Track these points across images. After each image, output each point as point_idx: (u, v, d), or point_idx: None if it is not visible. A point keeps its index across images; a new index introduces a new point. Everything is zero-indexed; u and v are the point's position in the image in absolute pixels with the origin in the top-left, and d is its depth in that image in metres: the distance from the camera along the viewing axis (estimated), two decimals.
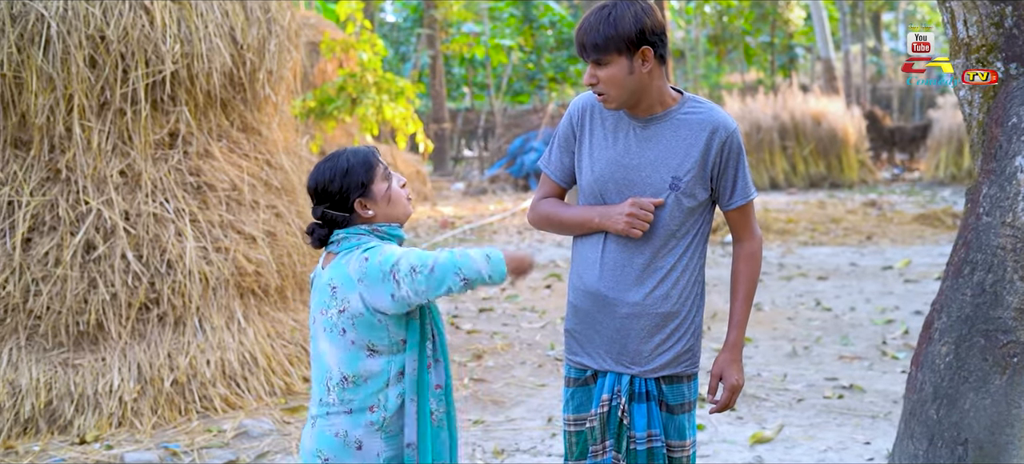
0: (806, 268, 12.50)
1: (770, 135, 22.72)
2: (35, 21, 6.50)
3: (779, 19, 35.10)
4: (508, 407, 7.00)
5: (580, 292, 3.78)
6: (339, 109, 17.59)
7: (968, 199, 4.44)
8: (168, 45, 6.76)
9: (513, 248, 2.81)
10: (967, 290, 4.27)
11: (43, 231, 6.65)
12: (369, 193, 3.39)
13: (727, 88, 34.81)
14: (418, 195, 20.99)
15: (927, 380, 4.34)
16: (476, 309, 10.31)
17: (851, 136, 22.89)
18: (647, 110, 3.62)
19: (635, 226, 3.55)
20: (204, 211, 6.99)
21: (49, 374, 6.45)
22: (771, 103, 23.09)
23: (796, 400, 7.04)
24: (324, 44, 18.32)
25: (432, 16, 27.21)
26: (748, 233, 3.80)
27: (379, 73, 17.80)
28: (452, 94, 35.45)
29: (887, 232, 15.37)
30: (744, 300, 3.80)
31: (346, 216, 3.39)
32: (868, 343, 8.61)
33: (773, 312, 9.99)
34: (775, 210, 17.98)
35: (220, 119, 7.22)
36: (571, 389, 3.83)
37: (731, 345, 3.76)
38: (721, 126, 3.63)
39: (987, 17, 4.31)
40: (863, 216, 17.23)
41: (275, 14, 7.39)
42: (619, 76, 3.51)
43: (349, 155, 3.42)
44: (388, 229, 3.42)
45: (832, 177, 22.75)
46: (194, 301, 6.78)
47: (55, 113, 6.63)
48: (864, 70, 34.89)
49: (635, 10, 3.50)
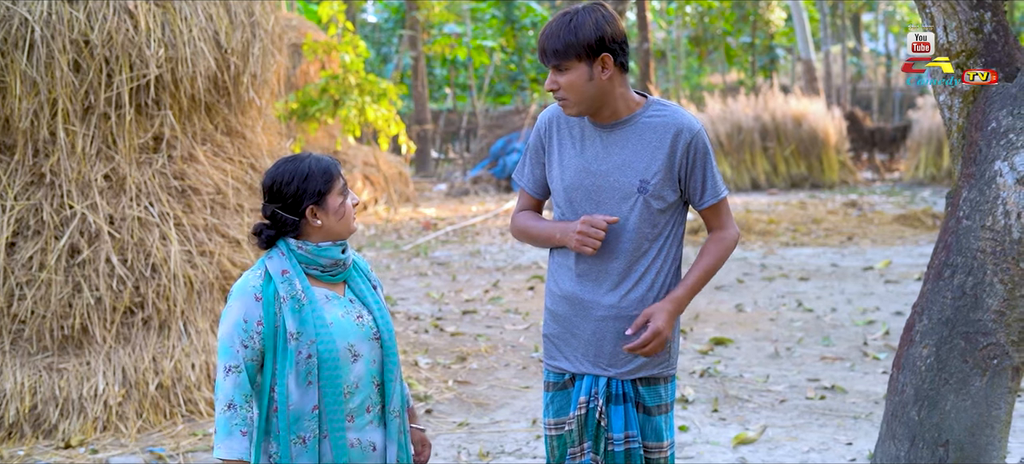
0: (788, 269, 12.56)
1: (751, 136, 22.78)
2: (19, 25, 6.50)
3: (760, 20, 35.24)
4: (493, 409, 7.03)
5: (557, 297, 3.83)
6: (321, 111, 17.60)
7: (948, 203, 4.49)
8: (152, 49, 6.76)
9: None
10: (948, 293, 4.31)
11: (27, 235, 6.65)
12: (323, 203, 3.34)
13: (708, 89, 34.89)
14: (400, 196, 20.98)
15: (908, 382, 4.39)
16: (459, 312, 10.33)
17: (832, 137, 22.97)
18: (611, 116, 3.68)
19: (586, 244, 3.60)
20: (189, 215, 7.00)
21: (33, 378, 6.44)
22: (752, 104, 23.15)
23: (779, 401, 7.09)
24: (306, 46, 18.34)
25: (413, 17, 27.21)
26: (725, 227, 3.84)
27: (361, 75, 17.81)
28: (434, 95, 35.49)
29: (868, 233, 15.46)
30: (702, 270, 3.75)
31: (296, 221, 3.34)
32: (850, 344, 8.67)
33: (755, 313, 10.04)
34: (756, 211, 18.05)
35: (204, 123, 7.23)
36: (551, 393, 3.87)
37: (671, 297, 3.69)
38: (685, 128, 3.68)
39: (966, 23, 4.36)
40: (844, 217, 17.32)
41: (259, 18, 7.39)
42: (579, 82, 3.58)
43: (312, 161, 3.35)
44: (316, 249, 3.35)
45: (813, 178, 22.83)
46: (179, 305, 6.79)
47: (39, 117, 6.63)
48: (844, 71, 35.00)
49: (596, 18, 3.57)
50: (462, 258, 14.06)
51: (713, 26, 36.44)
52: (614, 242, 3.67)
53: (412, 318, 9.95)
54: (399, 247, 15.18)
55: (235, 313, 3.27)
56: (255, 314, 3.26)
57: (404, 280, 12.35)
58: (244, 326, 3.25)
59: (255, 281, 3.30)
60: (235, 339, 3.25)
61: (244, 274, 3.35)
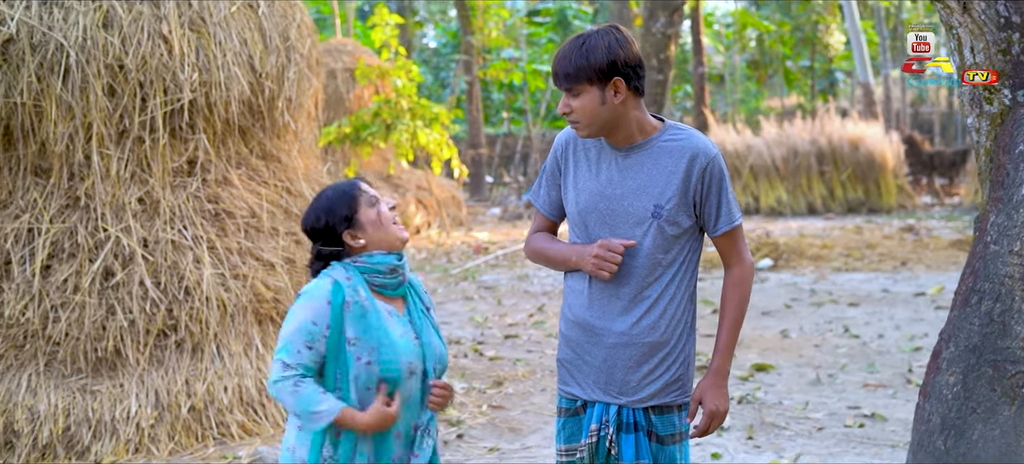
0: (837, 294, 12.38)
1: (807, 160, 22.57)
2: (54, 50, 6.56)
3: (819, 43, 34.94)
4: (525, 435, 6.97)
5: (570, 322, 3.80)
6: (374, 135, 17.69)
7: (976, 228, 4.39)
8: (186, 73, 6.81)
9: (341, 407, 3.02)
10: (975, 319, 4.21)
11: (62, 258, 6.70)
12: (355, 223, 3.49)
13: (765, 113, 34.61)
14: (453, 220, 21.01)
15: (935, 411, 4.28)
16: (502, 336, 10.28)
17: (889, 161, 22.67)
18: (626, 139, 3.65)
19: (602, 267, 3.58)
20: (222, 238, 7.02)
21: (67, 400, 6.48)
22: (808, 128, 22.93)
23: (816, 428, 6.96)
24: (359, 70, 18.45)
25: (468, 42, 27.27)
26: (737, 259, 3.79)
27: (413, 99, 17.89)
28: (491, 120, 35.53)
29: (922, 258, 15.21)
30: (730, 327, 3.77)
31: (340, 249, 3.51)
32: (894, 371, 8.51)
33: (800, 339, 9.90)
34: (810, 236, 17.83)
35: (239, 146, 7.26)
36: (562, 419, 3.85)
37: (714, 370, 3.73)
38: (701, 152, 3.64)
39: (994, 43, 4.26)
40: (899, 241, 17.06)
41: (295, 42, 7.42)
42: (591, 106, 3.56)
43: (329, 192, 3.54)
44: (369, 259, 3.50)
45: (870, 202, 22.55)
46: (212, 327, 6.80)
47: (74, 141, 6.69)
48: (904, 94, 34.61)
49: (608, 41, 3.55)
50: (510, 282, 14.02)
51: (772, 50, 36.19)
52: (627, 266, 3.63)
53: (453, 342, 9.92)
54: (448, 271, 15.17)
55: (303, 314, 3.39)
56: (324, 319, 3.38)
57: (449, 304, 12.33)
58: (312, 329, 3.37)
59: (326, 287, 3.43)
60: (300, 339, 3.36)
61: (313, 281, 3.49)
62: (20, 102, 6.57)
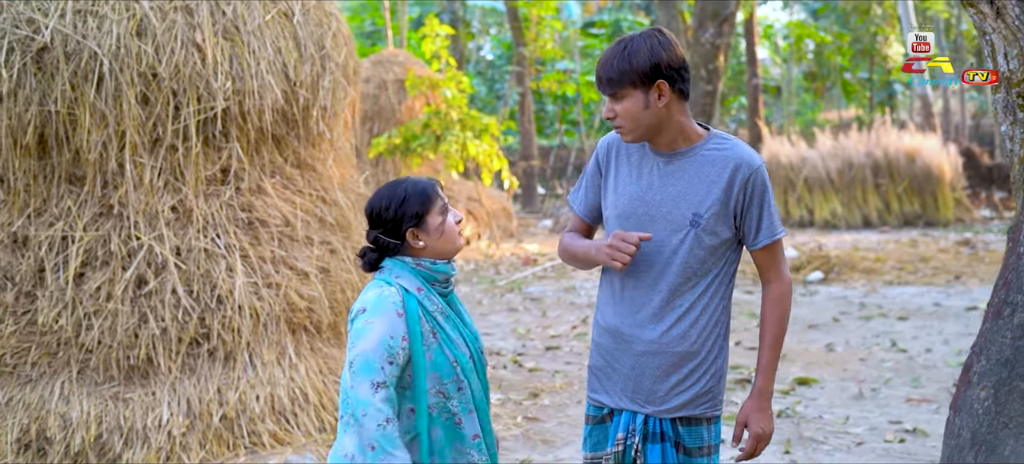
0: (887, 308, 12.17)
1: (863, 172, 22.27)
2: (88, 58, 6.59)
3: (878, 55, 34.57)
4: (558, 447, 6.89)
5: (601, 329, 3.78)
6: (423, 146, 17.70)
7: (1009, 238, 4.27)
8: (220, 82, 6.80)
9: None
10: (1007, 332, 4.09)
11: (95, 266, 6.72)
12: (423, 224, 3.46)
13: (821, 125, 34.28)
14: (504, 232, 20.97)
15: (965, 425, 4.17)
16: (543, 347, 10.21)
17: (947, 173, 22.31)
18: (670, 144, 3.60)
19: (615, 258, 3.51)
20: (256, 247, 7.00)
21: (99, 408, 6.50)
22: (864, 140, 22.63)
23: (855, 443, 6.82)
24: (409, 81, 18.47)
25: (521, 53, 27.26)
26: (776, 274, 3.71)
27: (463, 110, 17.89)
28: (545, 131, 35.47)
29: (977, 272, 14.93)
30: (771, 345, 3.70)
31: (397, 244, 3.46)
32: (939, 385, 8.33)
33: (846, 353, 9.73)
34: (864, 249, 17.58)
35: (273, 155, 7.24)
36: (589, 426, 3.81)
37: (758, 392, 3.68)
38: (745, 163, 3.57)
39: None
40: (954, 255, 16.78)
41: (330, 51, 7.40)
42: (635, 110, 3.52)
43: (409, 185, 3.48)
44: (432, 265, 3.48)
45: (927, 215, 22.20)
46: (244, 336, 6.79)
47: (108, 149, 6.70)
48: (963, 106, 34.13)
49: (651, 44, 3.50)
50: (556, 294, 13.94)
51: (829, 61, 35.85)
52: (659, 272, 3.58)
53: (493, 353, 9.86)
54: (495, 282, 15.11)
55: (380, 329, 3.32)
56: (400, 330, 3.34)
57: (494, 315, 12.27)
58: (391, 343, 3.31)
59: (394, 298, 3.38)
60: (382, 355, 3.29)
61: (372, 292, 3.42)
62: (54, 110, 6.60)
